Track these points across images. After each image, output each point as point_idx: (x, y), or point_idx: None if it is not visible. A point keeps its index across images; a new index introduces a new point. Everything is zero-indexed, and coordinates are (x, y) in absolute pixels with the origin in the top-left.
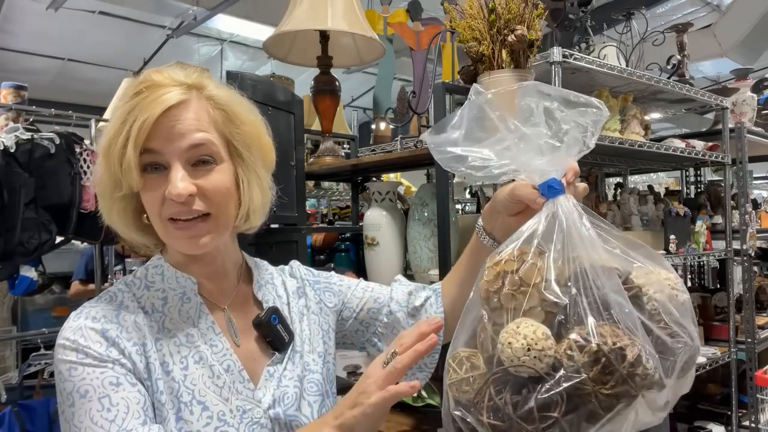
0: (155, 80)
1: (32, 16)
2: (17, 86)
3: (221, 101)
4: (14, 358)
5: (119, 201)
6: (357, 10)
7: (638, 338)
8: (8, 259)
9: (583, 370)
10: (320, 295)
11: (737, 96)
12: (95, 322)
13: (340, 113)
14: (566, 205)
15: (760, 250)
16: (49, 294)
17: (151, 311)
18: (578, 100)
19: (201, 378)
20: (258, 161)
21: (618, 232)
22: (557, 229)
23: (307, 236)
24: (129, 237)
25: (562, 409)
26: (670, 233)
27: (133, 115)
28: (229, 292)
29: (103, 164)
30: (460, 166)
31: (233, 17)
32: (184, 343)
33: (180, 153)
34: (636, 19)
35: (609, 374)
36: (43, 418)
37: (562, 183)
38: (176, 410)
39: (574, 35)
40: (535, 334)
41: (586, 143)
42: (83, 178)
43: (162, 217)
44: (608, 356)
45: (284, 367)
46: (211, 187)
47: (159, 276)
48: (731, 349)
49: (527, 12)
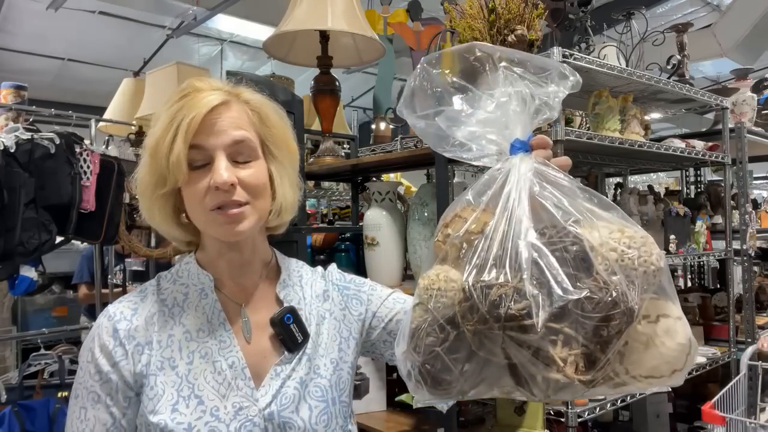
0: (197, 86)
1: (32, 16)
2: (17, 86)
3: (256, 105)
4: (14, 358)
5: (160, 199)
6: (357, 10)
7: (525, 282)
8: (8, 259)
9: (457, 308)
10: (347, 301)
11: (737, 96)
12: (110, 321)
13: (340, 113)
14: (525, 162)
15: (760, 250)
16: (49, 294)
17: (171, 305)
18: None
19: (203, 373)
20: (287, 161)
21: (583, 191)
22: (507, 185)
23: (307, 236)
24: (168, 233)
25: (444, 344)
26: (670, 233)
27: (181, 114)
28: (250, 290)
29: (149, 163)
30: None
31: (233, 17)
32: (195, 338)
33: (224, 147)
34: (636, 19)
35: (472, 311)
36: (43, 418)
37: (527, 144)
38: (174, 402)
39: (574, 35)
40: (437, 276)
41: (552, 106)
42: (83, 178)
43: (205, 207)
44: (472, 293)
45: (292, 368)
46: (250, 179)
47: (186, 272)
48: (731, 349)
49: (527, 12)
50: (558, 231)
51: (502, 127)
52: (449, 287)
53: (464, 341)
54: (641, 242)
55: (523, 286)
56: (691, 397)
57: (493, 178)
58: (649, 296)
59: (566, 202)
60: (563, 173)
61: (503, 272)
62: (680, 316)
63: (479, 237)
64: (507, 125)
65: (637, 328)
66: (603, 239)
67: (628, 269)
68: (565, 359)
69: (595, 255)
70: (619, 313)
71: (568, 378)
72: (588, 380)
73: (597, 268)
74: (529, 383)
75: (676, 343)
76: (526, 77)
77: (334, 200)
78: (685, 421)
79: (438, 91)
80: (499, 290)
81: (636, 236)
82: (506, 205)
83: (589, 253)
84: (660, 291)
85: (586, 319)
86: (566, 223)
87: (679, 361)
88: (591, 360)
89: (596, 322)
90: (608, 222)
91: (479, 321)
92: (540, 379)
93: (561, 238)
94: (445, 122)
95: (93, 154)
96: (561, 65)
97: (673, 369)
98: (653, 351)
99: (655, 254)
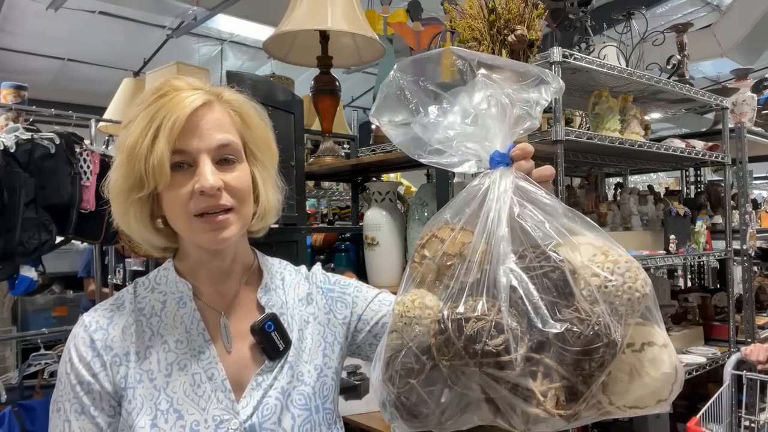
0: (176, 85)
1: (32, 16)
2: (17, 86)
3: (238, 105)
4: (14, 358)
5: (136, 203)
6: (357, 10)
7: (503, 315)
8: (8, 259)
9: (432, 341)
10: (331, 304)
11: (737, 96)
12: (86, 331)
13: (340, 113)
14: (506, 179)
15: (760, 250)
16: (49, 294)
17: (149, 314)
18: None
19: (182, 386)
20: (270, 162)
21: (566, 210)
22: (486, 204)
23: (307, 236)
24: (144, 239)
25: (420, 376)
26: (670, 233)
27: (160, 114)
28: (230, 297)
29: (125, 165)
30: (421, 151)
31: (233, 17)
32: (173, 349)
33: (208, 150)
34: (636, 19)
35: (448, 345)
36: (43, 418)
37: (507, 156)
38: (152, 417)
39: (574, 35)
40: (413, 303)
41: (532, 115)
42: (83, 178)
43: (188, 212)
44: (447, 326)
45: (274, 377)
46: (235, 183)
47: (164, 278)
48: (731, 349)
49: (527, 12)
50: (538, 255)
51: (480, 138)
52: (425, 315)
53: (440, 373)
54: (626, 267)
55: (501, 319)
56: (691, 397)
57: (471, 195)
58: (635, 321)
59: (547, 225)
60: (545, 190)
61: (480, 302)
62: (666, 343)
63: (456, 260)
64: (486, 137)
65: (621, 357)
66: (585, 262)
67: (612, 296)
68: (545, 393)
69: (576, 279)
70: (601, 345)
71: (548, 413)
72: (569, 414)
73: (578, 296)
74: (508, 416)
75: (662, 372)
76: (505, 84)
77: (334, 200)
78: (685, 421)
79: (412, 98)
80: (476, 324)
81: (620, 260)
82: (485, 226)
83: (570, 278)
84: (645, 317)
85: (567, 352)
86: (547, 246)
87: (664, 390)
88: (573, 393)
89: (577, 355)
90: (591, 243)
91: (455, 356)
92: (519, 412)
93: (541, 262)
94: (421, 129)
95: (93, 154)
96: (542, 71)
97: (659, 399)
98: (638, 382)
99: (640, 280)
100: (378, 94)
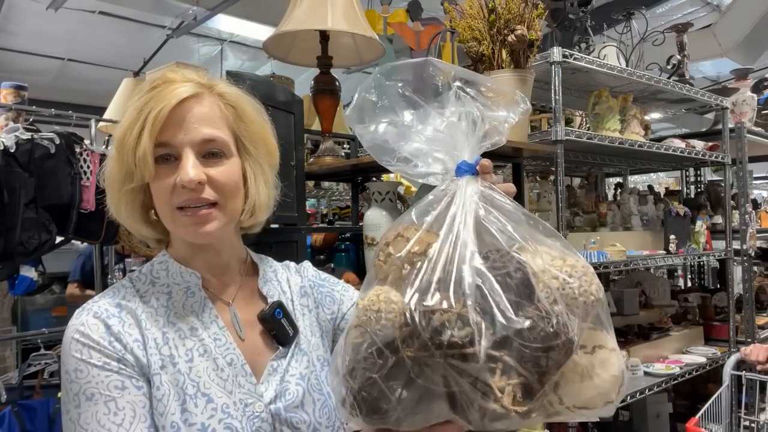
0: (170, 77)
1: (32, 16)
2: (17, 86)
3: (231, 99)
4: (14, 358)
5: (128, 194)
6: (357, 10)
7: (468, 309)
8: (8, 259)
9: (397, 333)
10: (320, 299)
11: (737, 96)
12: (97, 318)
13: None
14: (471, 186)
15: (760, 250)
16: (49, 294)
17: (156, 306)
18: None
19: (206, 370)
20: (264, 159)
21: (528, 217)
22: (452, 207)
23: (307, 236)
24: (136, 230)
25: (382, 371)
26: (670, 233)
27: (148, 106)
28: (233, 287)
29: (117, 156)
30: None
31: (233, 17)
32: (189, 336)
33: (191, 144)
34: (636, 19)
35: (413, 336)
36: (43, 418)
37: (474, 167)
38: (181, 402)
39: (574, 35)
40: (378, 297)
41: (500, 132)
42: (83, 178)
43: (171, 205)
44: (414, 317)
45: (288, 363)
46: (220, 177)
47: (164, 271)
48: (731, 349)
49: (527, 12)
50: (502, 256)
51: (450, 147)
52: (389, 309)
53: (403, 367)
54: (582, 272)
55: (466, 313)
56: (691, 397)
57: (437, 199)
58: (587, 326)
59: (510, 228)
60: (509, 198)
61: (446, 297)
62: (614, 348)
63: (422, 258)
64: (455, 146)
65: (574, 358)
66: (545, 266)
67: (569, 298)
68: (502, 389)
69: (537, 281)
70: (560, 343)
71: (506, 409)
72: (525, 411)
73: (539, 295)
74: (466, 412)
75: (611, 375)
76: (478, 99)
77: (334, 200)
78: (685, 421)
79: (388, 103)
80: (442, 316)
81: (577, 265)
82: (451, 227)
83: (532, 279)
84: (597, 321)
85: (527, 349)
86: (510, 249)
87: (612, 393)
88: (528, 390)
89: (537, 351)
90: (550, 249)
91: (420, 347)
92: (477, 408)
93: (505, 263)
94: (392, 136)
95: (93, 154)
96: (514, 91)
97: (606, 401)
98: (588, 383)
99: (594, 285)
100: (356, 95)
